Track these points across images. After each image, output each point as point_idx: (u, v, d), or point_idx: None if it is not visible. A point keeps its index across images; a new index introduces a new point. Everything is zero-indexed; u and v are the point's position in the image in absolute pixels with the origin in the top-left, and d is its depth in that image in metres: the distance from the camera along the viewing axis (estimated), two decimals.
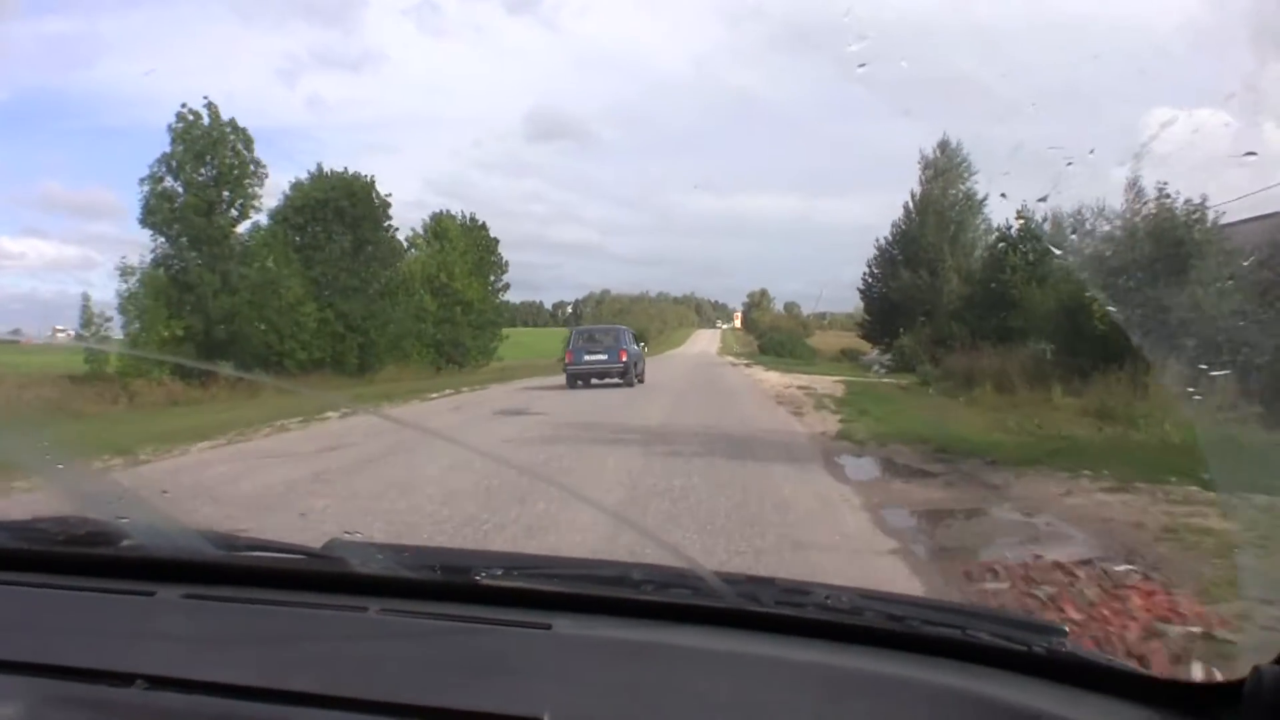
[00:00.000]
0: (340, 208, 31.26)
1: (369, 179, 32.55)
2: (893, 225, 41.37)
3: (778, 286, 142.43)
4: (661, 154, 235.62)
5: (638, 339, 24.33)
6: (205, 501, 6.76)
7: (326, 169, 32.63)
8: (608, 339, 21.30)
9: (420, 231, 40.96)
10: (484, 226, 45.01)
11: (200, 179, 26.19)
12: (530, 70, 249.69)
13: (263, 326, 25.31)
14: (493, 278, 44.01)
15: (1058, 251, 18.97)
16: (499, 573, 1.26)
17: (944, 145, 37.95)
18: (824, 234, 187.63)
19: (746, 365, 43.70)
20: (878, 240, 41.56)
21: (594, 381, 19.74)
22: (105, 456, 9.10)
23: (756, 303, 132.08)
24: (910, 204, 39.97)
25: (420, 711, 0.99)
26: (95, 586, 1.25)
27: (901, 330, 36.00)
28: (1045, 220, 19.08)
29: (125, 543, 1.29)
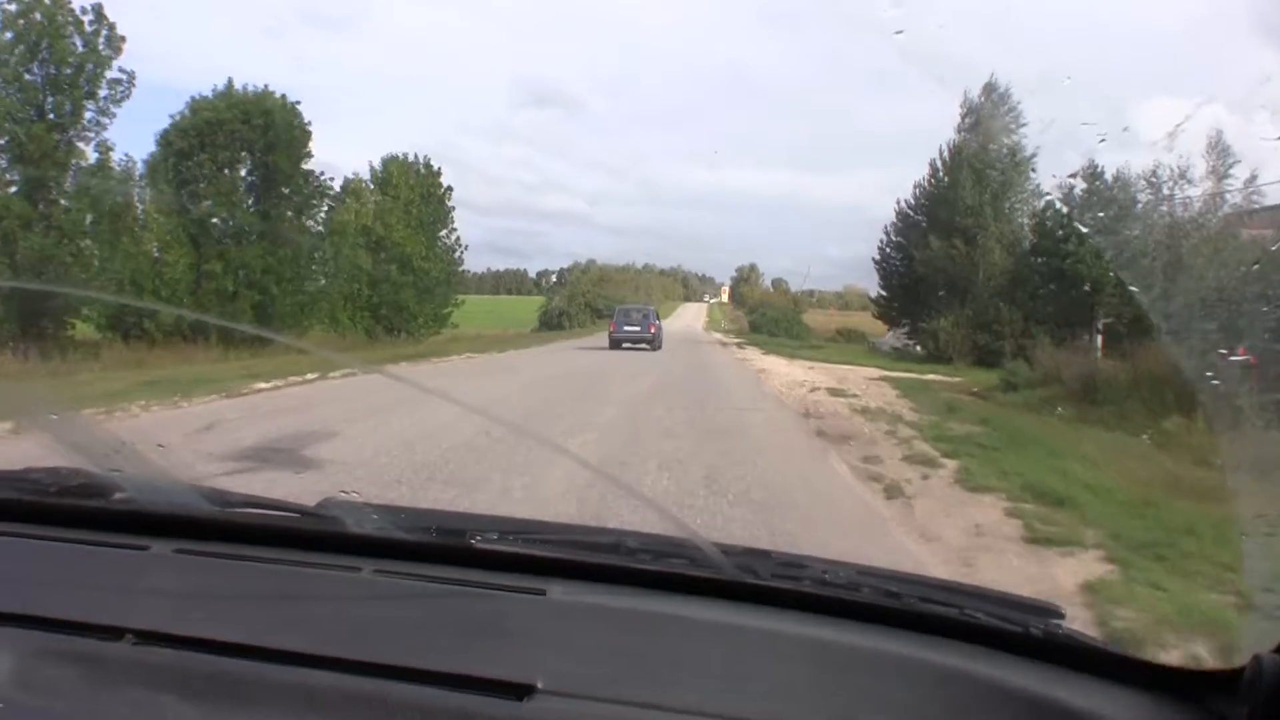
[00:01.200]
0: (238, 132, 26.09)
1: (285, 100, 27.70)
2: (916, 186, 36.00)
3: (765, 263, 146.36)
4: (651, 125, 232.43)
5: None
6: None
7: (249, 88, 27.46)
8: (639, 316, 31.00)
9: (365, 178, 36.44)
10: (437, 173, 39.50)
11: (31, 78, 21.25)
12: (517, 35, 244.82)
13: (84, 274, 20.69)
14: (445, 233, 39.10)
15: (1084, 229, 16.82)
16: (494, 537, 1.24)
17: (990, 89, 32.06)
18: (812, 211, 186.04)
19: (739, 346, 39.34)
20: (898, 203, 36.53)
21: (625, 346, 28.41)
22: None
23: (745, 277, 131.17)
24: (940, 159, 34.45)
25: (412, 674, 0.98)
26: (87, 539, 1.24)
27: (927, 310, 32.74)
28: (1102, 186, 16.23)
29: (118, 496, 1.28)
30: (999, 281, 27.74)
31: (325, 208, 29.56)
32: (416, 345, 27.82)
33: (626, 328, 29.56)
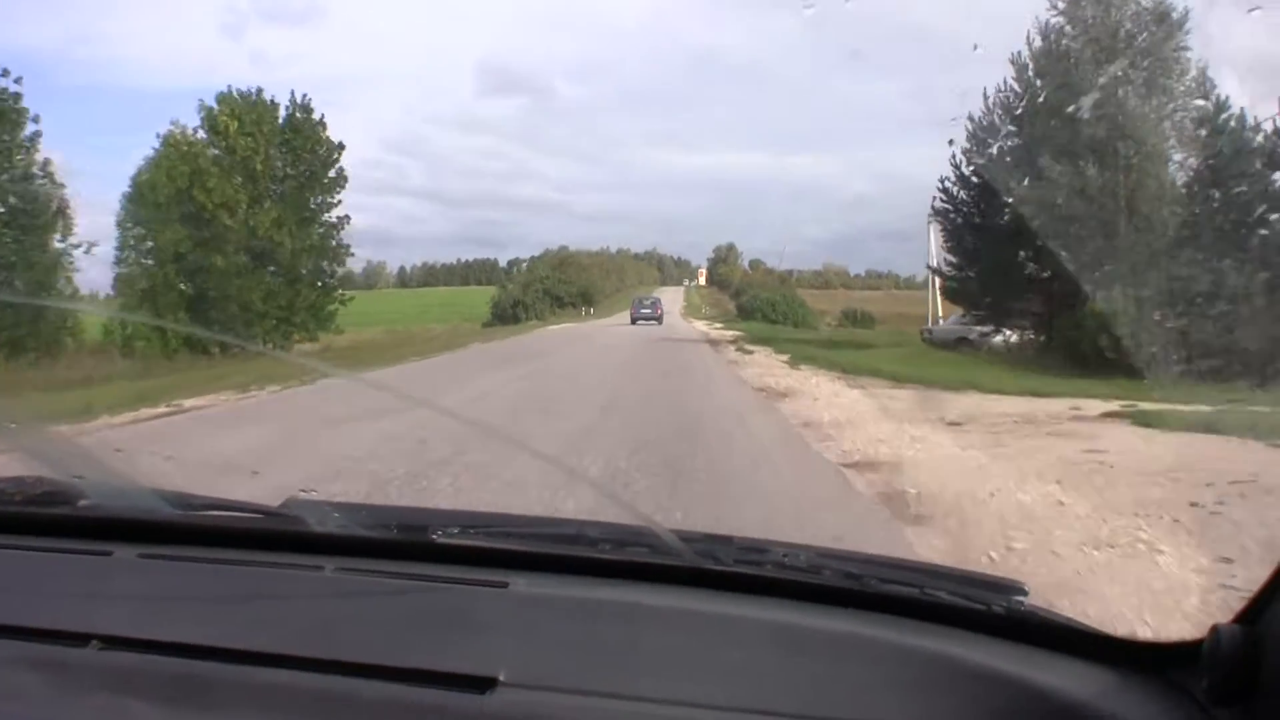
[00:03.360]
0: None
1: None
2: (1001, 89, 22.14)
3: (741, 244, 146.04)
4: (620, 110, 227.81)
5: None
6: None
7: None
8: (649, 303, 49.87)
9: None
10: (318, 122, 28.98)
11: None
12: (479, 22, 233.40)
13: None
14: (317, 204, 29.22)
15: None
16: (455, 531, 1.32)
17: None
18: (787, 191, 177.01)
19: (736, 347, 27.23)
20: (970, 120, 22.42)
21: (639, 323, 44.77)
22: None
23: (723, 258, 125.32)
24: (1030, 46, 21.00)
25: (377, 670, 1.06)
26: (51, 546, 1.33)
27: (1015, 284, 21.20)
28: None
29: (82, 502, 1.36)
30: (1178, 232, 14.38)
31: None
32: (244, 365, 19.27)
33: (642, 310, 48.43)
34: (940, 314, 37.44)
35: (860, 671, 1.07)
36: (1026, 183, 20.44)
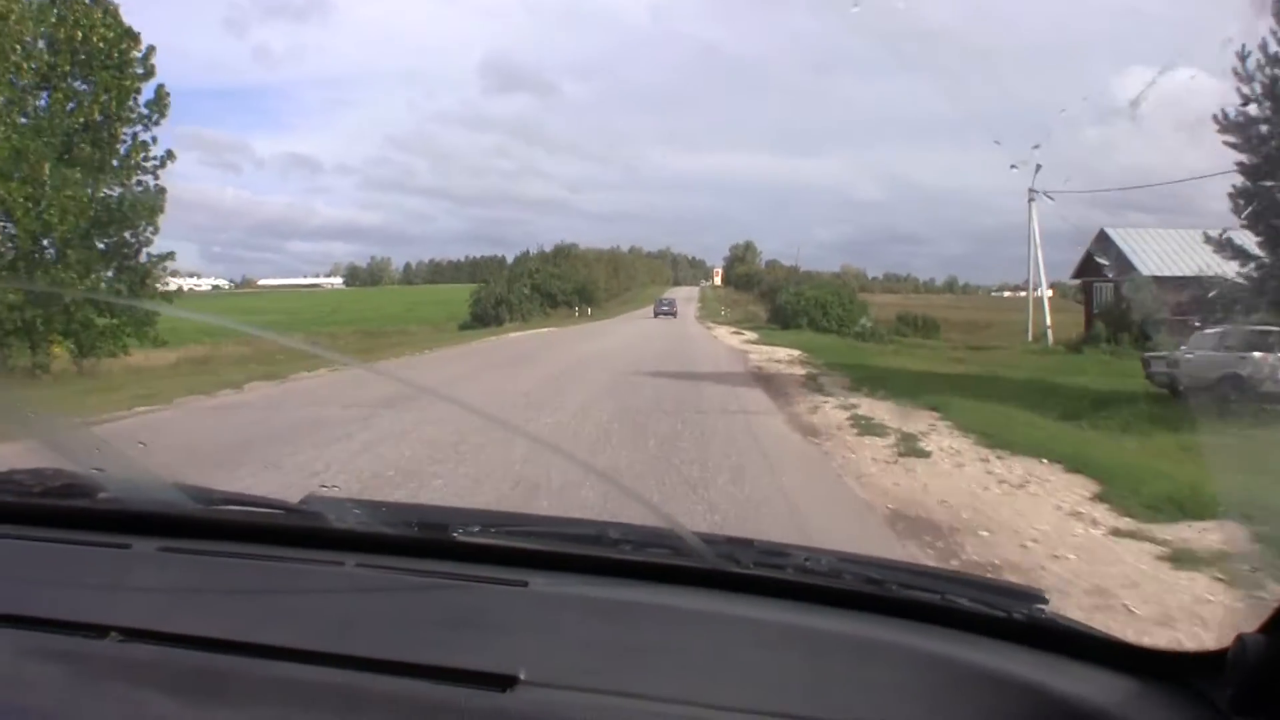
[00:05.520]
0: None
1: None
2: None
3: (756, 245, 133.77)
4: (628, 109, 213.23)
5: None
6: None
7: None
8: (668, 302, 65.44)
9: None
10: (107, 10, 18.90)
11: None
12: (484, 18, 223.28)
13: None
14: (98, 132, 18.51)
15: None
16: (476, 530, 1.28)
17: None
18: (799, 194, 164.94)
19: (816, 388, 15.57)
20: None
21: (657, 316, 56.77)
22: None
23: (740, 256, 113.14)
24: None
25: (396, 667, 1.04)
26: (71, 539, 1.29)
27: None
28: None
29: (101, 495, 1.33)
30: None
31: None
32: None
33: (663, 308, 61.76)
34: (1049, 323, 31.32)
35: (880, 676, 1.05)
36: None
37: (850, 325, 39.53)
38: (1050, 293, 37.03)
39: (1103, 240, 35.51)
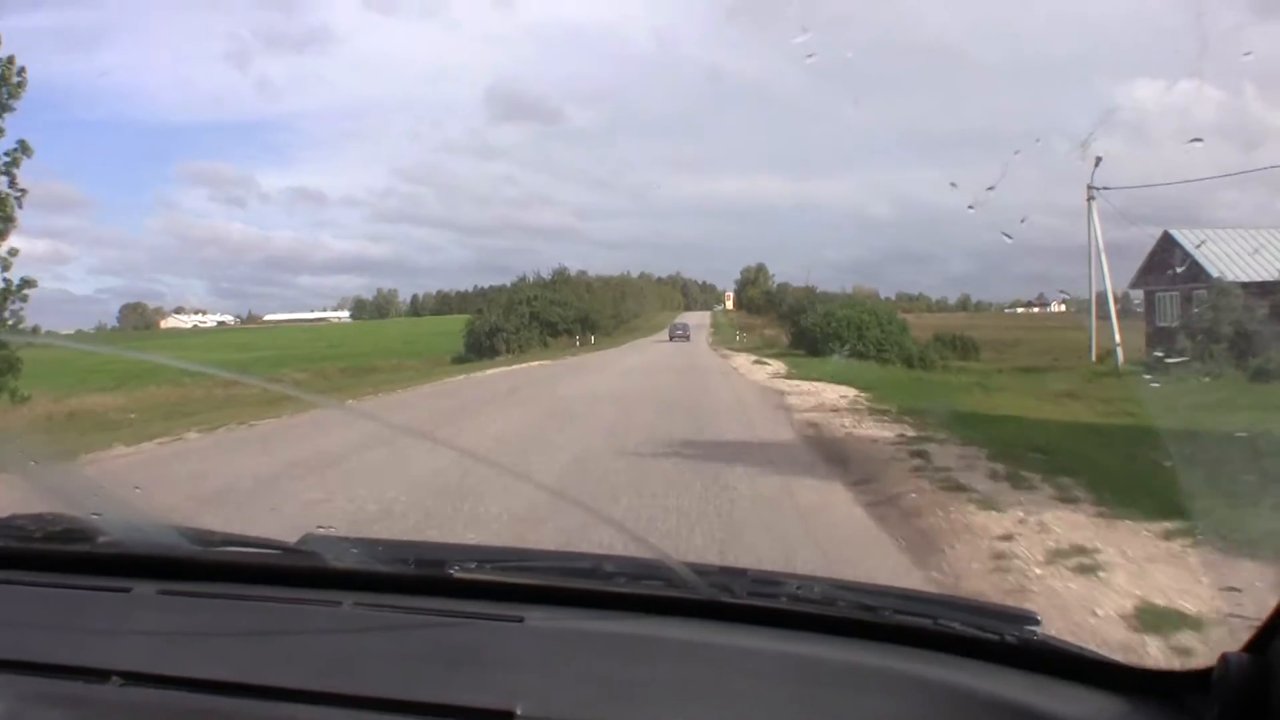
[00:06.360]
0: None
1: None
2: None
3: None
4: (634, 135, 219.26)
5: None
6: None
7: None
8: (681, 326, 64.18)
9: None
10: None
11: None
12: (487, 47, 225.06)
13: None
14: None
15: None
16: (472, 566, 1.28)
17: None
18: (808, 216, 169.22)
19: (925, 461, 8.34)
20: None
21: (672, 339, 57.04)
22: None
23: (751, 279, 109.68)
24: None
25: (394, 705, 1.04)
26: (72, 583, 1.30)
27: None
28: None
29: (101, 539, 1.33)
30: None
31: None
32: None
33: (677, 332, 59.68)
34: (1118, 340, 27.22)
35: (875, 703, 1.05)
36: None
37: (891, 349, 32.74)
38: (1115, 305, 31.52)
39: (1167, 244, 31.25)
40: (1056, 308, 61.82)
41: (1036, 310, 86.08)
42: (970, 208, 5.60)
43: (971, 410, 13.95)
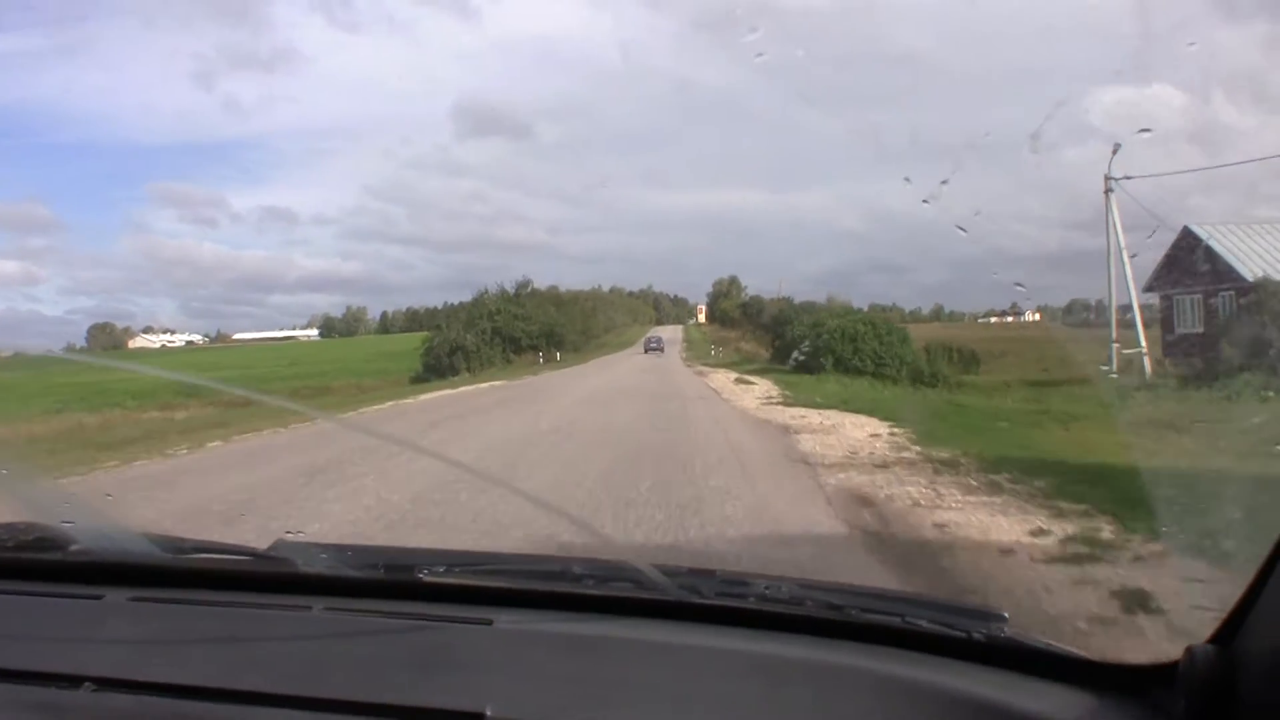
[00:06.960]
0: None
1: None
2: None
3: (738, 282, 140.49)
4: (604, 149, 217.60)
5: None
6: None
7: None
8: (656, 340, 67.12)
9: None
10: None
11: None
12: (454, 65, 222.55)
13: None
14: None
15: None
16: (441, 570, 1.30)
17: None
18: (779, 228, 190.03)
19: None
20: None
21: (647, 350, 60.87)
22: None
23: (724, 292, 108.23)
24: None
25: (365, 708, 1.05)
26: (44, 591, 1.32)
27: None
28: None
29: (73, 547, 1.35)
30: None
31: None
32: None
33: (652, 345, 62.03)
34: (1144, 349, 23.75)
35: (844, 701, 1.07)
36: None
37: (892, 363, 28.27)
38: (1139, 311, 27.38)
39: (1188, 240, 26.98)
40: (1031, 316, 59.22)
41: (1010, 319, 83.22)
42: (925, 201, 5.96)
43: (1090, 461, 8.79)
